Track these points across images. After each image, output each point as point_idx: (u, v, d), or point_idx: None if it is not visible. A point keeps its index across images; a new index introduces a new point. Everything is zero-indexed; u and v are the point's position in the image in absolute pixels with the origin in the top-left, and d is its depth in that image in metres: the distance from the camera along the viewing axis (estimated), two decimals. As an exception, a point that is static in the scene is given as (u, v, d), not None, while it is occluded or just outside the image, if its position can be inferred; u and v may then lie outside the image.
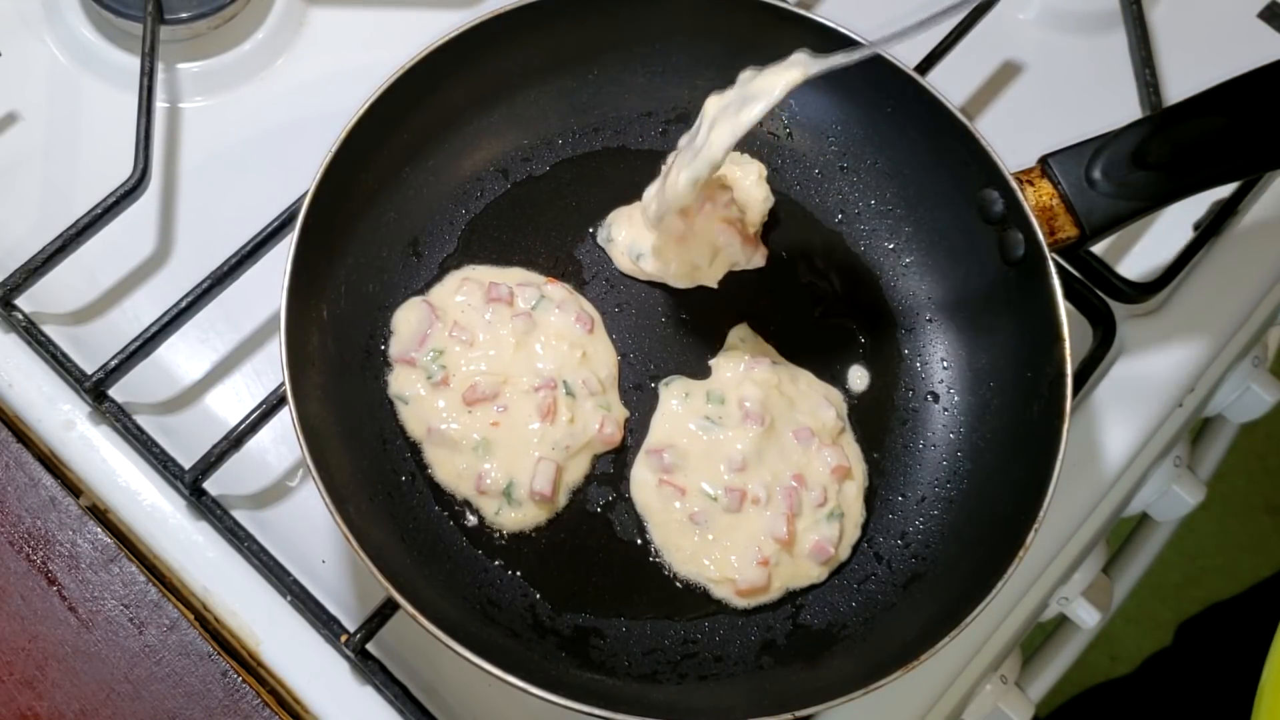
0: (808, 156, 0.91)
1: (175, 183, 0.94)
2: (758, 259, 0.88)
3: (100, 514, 0.83)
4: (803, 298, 0.88)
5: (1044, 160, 0.82)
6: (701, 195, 0.84)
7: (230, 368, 0.89)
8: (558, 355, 0.82)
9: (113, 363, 0.82)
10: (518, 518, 0.80)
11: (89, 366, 0.83)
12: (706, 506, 0.80)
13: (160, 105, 0.95)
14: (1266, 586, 1.34)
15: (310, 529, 0.84)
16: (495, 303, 0.83)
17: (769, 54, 0.89)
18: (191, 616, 0.80)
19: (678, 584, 0.80)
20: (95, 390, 0.82)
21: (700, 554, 0.80)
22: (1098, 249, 0.91)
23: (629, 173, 0.90)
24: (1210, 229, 0.96)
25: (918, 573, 0.81)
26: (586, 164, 0.90)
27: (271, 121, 0.97)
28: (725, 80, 0.91)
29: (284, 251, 0.77)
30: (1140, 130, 0.82)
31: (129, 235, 0.90)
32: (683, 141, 0.80)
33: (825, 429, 0.83)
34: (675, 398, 0.83)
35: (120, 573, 0.80)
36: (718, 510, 0.80)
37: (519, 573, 0.79)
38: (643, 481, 0.82)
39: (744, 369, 0.84)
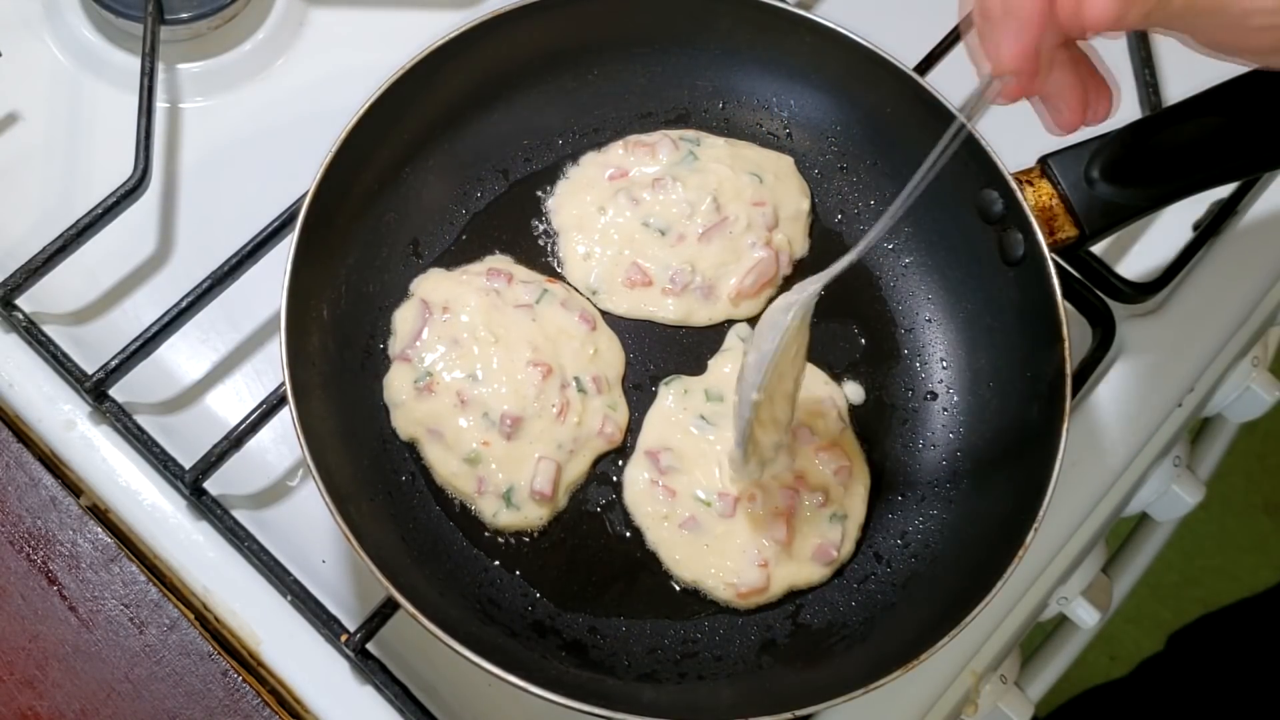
0: (807, 157, 0.91)
1: (175, 183, 0.94)
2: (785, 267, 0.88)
3: (100, 514, 0.83)
4: (802, 298, 0.88)
5: (1044, 160, 0.82)
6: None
7: (230, 368, 0.89)
8: (568, 352, 0.82)
9: (113, 363, 0.82)
10: (518, 517, 0.79)
11: (89, 366, 0.83)
12: (699, 512, 0.80)
13: (160, 105, 0.95)
14: (1260, 599, 1.35)
15: (310, 529, 0.84)
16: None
17: (768, 54, 0.89)
18: (192, 616, 0.80)
19: (677, 584, 0.80)
20: (95, 390, 0.82)
21: (697, 558, 0.79)
22: (1097, 249, 0.91)
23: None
24: (1210, 229, 0.96)
25: (917, 572, 0.81)
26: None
27: (272, 121, 0.97)
28: (724, 80, 0.91)
29: (284, 251, 0.77)
30: (1140, 130, 0.82)
31: (129, 235, 0.90)
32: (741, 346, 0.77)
33: (826, 429, 0.83)
34: (672, 395, 0.83)
35: (120, 572, 0.80)
36: (712, 516, 0.79)
37: (519, 572, 0.79)
38: (633, 482, 0.81)
39: (744, 367, 0.84)
